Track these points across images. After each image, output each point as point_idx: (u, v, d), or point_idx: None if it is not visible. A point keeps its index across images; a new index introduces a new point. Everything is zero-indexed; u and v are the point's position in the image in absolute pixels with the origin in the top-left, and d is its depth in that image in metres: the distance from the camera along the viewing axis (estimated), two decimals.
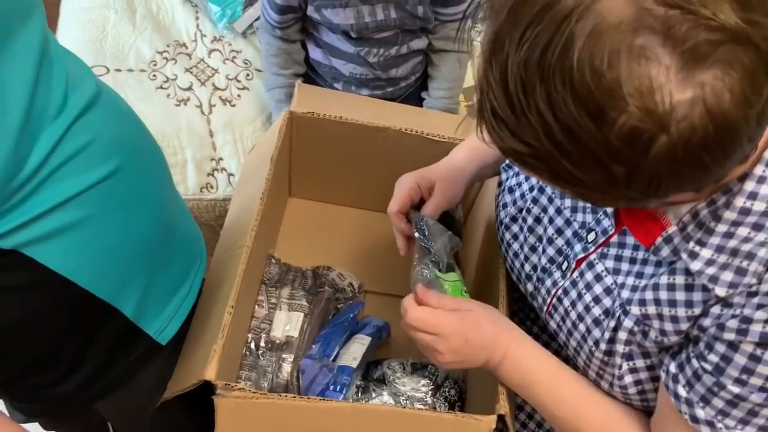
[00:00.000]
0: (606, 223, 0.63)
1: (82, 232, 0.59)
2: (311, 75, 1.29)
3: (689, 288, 0.54)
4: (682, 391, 0.56)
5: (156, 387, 0.76)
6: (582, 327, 0.63)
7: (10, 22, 0.49)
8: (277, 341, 0.94)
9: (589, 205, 0.65)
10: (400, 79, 1.26)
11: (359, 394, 0.89)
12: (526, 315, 0.85)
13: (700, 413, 0.55)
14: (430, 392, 0.91)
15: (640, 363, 0.60)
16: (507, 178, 0.79)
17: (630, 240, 0.61)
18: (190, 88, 1.34)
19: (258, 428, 0.69)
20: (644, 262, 0.59)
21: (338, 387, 0.86)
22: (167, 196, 0.74)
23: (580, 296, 0.64)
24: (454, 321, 0.67)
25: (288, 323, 0.97)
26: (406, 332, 0.71)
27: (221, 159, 1.27)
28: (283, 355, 0.93)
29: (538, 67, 0.40)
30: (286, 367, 0.92)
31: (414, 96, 1.32)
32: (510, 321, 0.71)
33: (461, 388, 0.92)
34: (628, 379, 0.61)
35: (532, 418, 0.84)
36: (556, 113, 0.40)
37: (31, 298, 0.60)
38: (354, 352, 0.94)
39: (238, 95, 1.35)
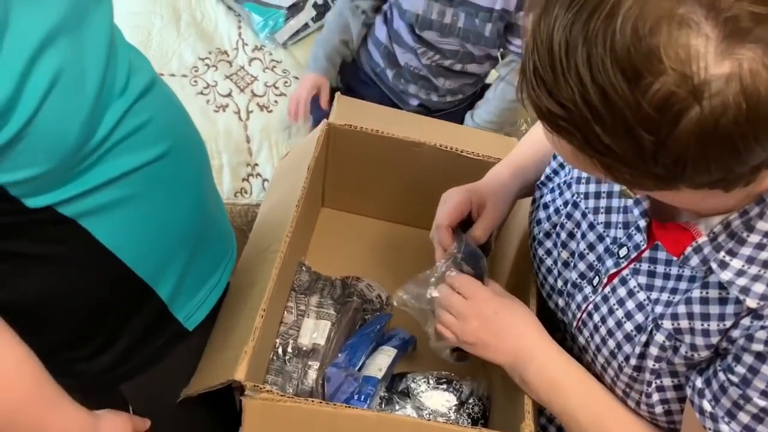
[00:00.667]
0: (638, 238, 0.63)
1: (131, 209, 0.62)
2: (368, 55, 1.32)
3: (723, 301, 0.54)
4: (708, 406, 0.55)
5: (179, 375, 0.78)
6: (612, 343, 0.63)
7: (87, 3, 0.54)
8: (304, 348, 0.95)
9: (620, 220, 0.65)
10: (446, 92, 1.27)
11: (383, 406, 0.89)
12: (553, 334, 0.84)
13: (725, 429, 0.54)
14: (453, 408, 0.90)
15: (667, 382, 0.60)
16: (541, 195, 0.79)
17: (662, 255, 0.61)
18: (229, 95, 1.36)
19: (283, 431, 0.70)
20: (678, 278, 0.59)
21: (363, 396, 0.86)
22: (208, 187, 0.76)
23: (611, 311, 0.64)
24: (491, 292, 0.70)
25: (315, 331, 0.98)
26: (440, 301, 0.74)
27: (257, 165, 1.29)
28: (309, 362, 0.94)
29: (583, 29, 0.41)
30: (312, 374, 0.92)
31: (456, 116, 1.33)
32: (541, 325, 0.71)
33: (485, 405, 0.92)
34: (656, 397, 0.61)
35: (552, 422, 0.84)
36: (593, 75, 0.41)
37: (81, 271, 0.62)
38: (380, 363, 0.94)
39: (275, 101, 1.37)
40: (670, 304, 0.58)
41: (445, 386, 0.94)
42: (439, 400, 0.92)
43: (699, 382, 0.56)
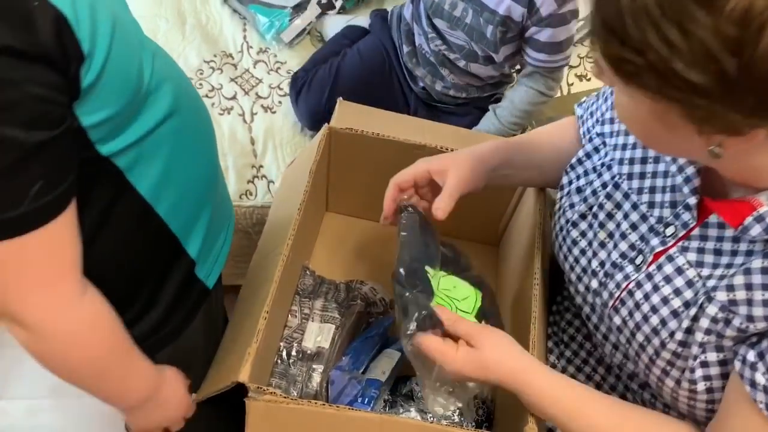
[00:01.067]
0: (686, 216, 0.63)
1: (163, 161, 0.65)
2: (392, 27, 1.36)
3: None
4: (762, 379, 0.55)
5: (202, 336, 0.81)
6: (655, 319, 0.63)
7: None
8: (309, 351, 0.95)
9: (666, 200, 0.65)
10: (450, 86, 1.28)
11: (386, 409, 0.89)
12: (568, 322, 0.84)
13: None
14: (457, 411, 0.90)
15: (712, 357, 0.59)
16: (570, 181, 0.79)
17: (713, 232, 0.61)
18: (234, 98, 1.37)
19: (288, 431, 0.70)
20: (733, 253, 0.59)
21: (366, 399, 0.86)
22: (214, 145, 0.79)
23: (656, 288, 0.63)
24: (457, 359, 0.66)
25: (320, 334, 0.98)
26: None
27: (261, 166, 1.29)
28: (314, 366, 0.94)
29: None
30: (316, 377, 0.93)
31: (457, 117, 1.33)
32: (523, 350, 0.69)
33: (489, 408, 0.92)
34: (699, 373, 0.60)
35: None
36: (664, 11, 0.43)
37: (127, 227, 0.66)
38: (383, 366, 0.94)
39: (279, 102, 1.37)
40: (724, 277, 0.58)
41: (450, 391, 0.94)
42: (442, 402, 0.91)
43: (751, 356, 0.56)
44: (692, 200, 0.62)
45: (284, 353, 0.94)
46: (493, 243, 1.12)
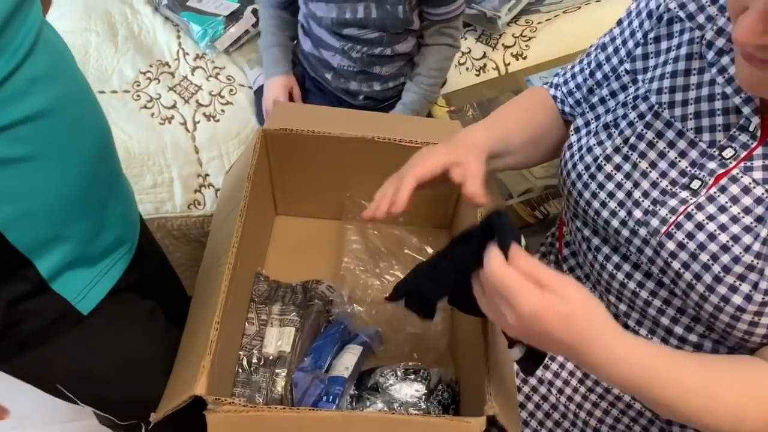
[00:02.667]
0: (744, 138, 0.64)
1: (12, 169, 0.61)
2: (304, 66, 1.31)
3: None
4: None
5: (73, 359, 0.78)
6: (724, 237, 0.63)
7: None
8: (270, 357, 0.94)
9: (718, 123, 0.66)
10: (387, 78, 1.26)
11: (354, 404, 0.88)
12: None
13: None
14: (423, 397, 0.90)
15: None
16: (587, 122, 0.79)
17: None
18: (174, 107, 1.34)
19: None
20: None
21: (330, 397, 0.86)
22: (101, 167, 0.75)
23: (723, 209, 0.64)
24: (540, 300, 0.54)
25: (280, 339, 0.97)
26: (478, 292, 0.60)
27: (207, 175, 1.27)
28: (277, 370, 0.93)
29: None
30: (280, 382, 0.92)
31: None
32: (610, 315, 0.59)
33: (454, 390, 0.92)
34: None
35: (534, 416, 0.84)
36: None
37: None
38: (346, 362, 0.94)
39: (222, 110, 1.35)
40: None
41: (413, 376, 0.94)
42: (408, 391, 0.91)
43: None
44: (755, 119, 0.63)
45: (244, 361, 0.93)
46: (445, 226, 1.12)
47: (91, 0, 1.52)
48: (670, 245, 0.67)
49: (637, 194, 0.71)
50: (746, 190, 0.64)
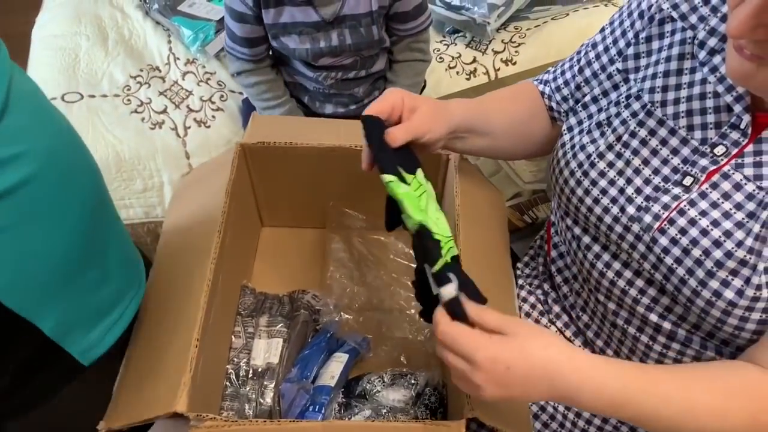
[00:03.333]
0: (735, 135, 0.65)
1: None
2: None
3: None
4: None
5: (76, 411, 0.75)
6: (717, 232, 0.64)
7: None
8: (259, 369, 0.94)
9: (710, 121, 0.67)
10: (362, 98, 1.25)
11: (342, 412, 0.88)
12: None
13: None
14: (410, 401, 0.90)
15: None
16: (580, 121, 0.79)
17: (767, 147, 0.63)
18: (164, 111, 1.33)
19: None
20: None
21: (316, 407, 0.85)
22: (96, 219, 0.72)
23: (715, 205, 0.65)
24: (491, 344, 0.57)
25: (268, 350, 0.96)
26: (439, 354, 0.62)
27: None
28: (265, 382, 0.92)
29: None
30: (269, 393, 0.91)
31: None
32: (566, 341, 0.62)
33: (441, 394, 0.92)
34: (765, 279, 0.61)
35: (554, 419, 0.84)
36: None
37: None
38: (332, 371, 0.93)
39: (213, 116, 1.34)
40: None
41: (399, 382, 0.94)
42: (395, 396, 0.91)
43: None
44: (746, 117, 0.64)
45: (233, 375, 0.92)
46: None
47: (81, 4, 1.51)
48: (663, 240, 0.67)
49: (629, 191, 0.71)
50: (738, 187, 0.64)
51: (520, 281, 0.96)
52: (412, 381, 0.93)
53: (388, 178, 0.68)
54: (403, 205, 0.68)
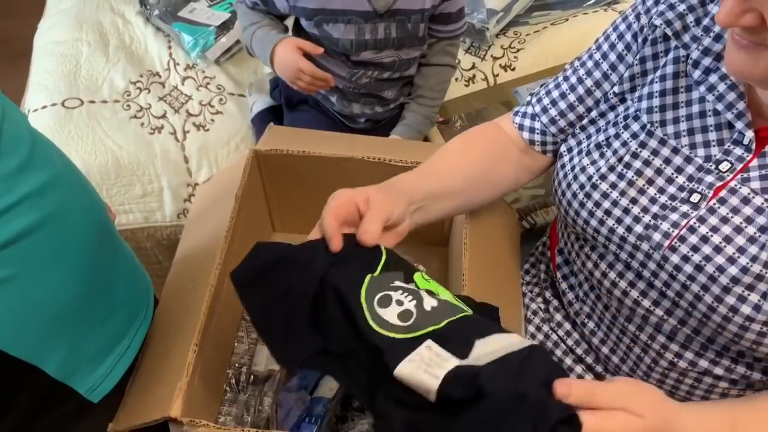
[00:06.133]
0: (738, 151, 0.63)
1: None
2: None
3: None
4: None
5: None
6: (730, 249, 0.61)
7: None
8: (261, 376, 0.90)
9: (712, 139, 0.65)
10: (390, 101, 1.21)
11: (339, 425, 0.83)
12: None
13: None
14: None
15: None
16: (579, 142, 0.76)
17: None
18: (164, 116, 1.28)
19: None
20: None
21: (312, 418, 0.80)
22: (100, 253, 0.68)
23: (725, 220, 0.62)
24: (615, 424, 0.50)
25: (271, 357, 0.92)
26: None
27: (197, 185, 1.21)
28: (265, 389, 0.89)
29: None
30: (267, 401, 0.87)
31: (397, 119, 1.26)
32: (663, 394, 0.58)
33: None
34: None
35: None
36: None
37: None
38: (331, 382, 0.88)
39: (212, 119, 1.29)
40: None
41: None
42: None
43: None
44: (749, 133, 0.62)
45: (233, 380, 0.89)
46: (441, 244, 1.07)
47: (82, 10, 1.47)
48: (674, 258, 0.65)
49: (636, 210, 0.68)
50: (746, 201, 0.62)
51: (522, 288, 0.91)
52: None
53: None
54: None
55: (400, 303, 0.57)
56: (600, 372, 0.80)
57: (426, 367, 0.51)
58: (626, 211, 0.68)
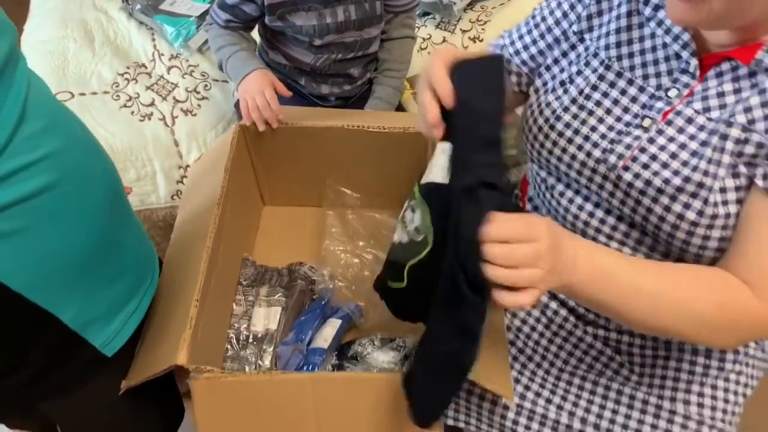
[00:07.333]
0: (685, 78, 0.69)
1: (21, 239, 0.58)
2: (273, 72, 1.19)
3: None
4: None
5: (105, 398, 0.75)
6: (675, 163, 0.67)
7: None
8: (259, 335, 0.94)
9: (662, 69, 0.70)
10: (357, 78, 1.24)
11: (334, 372, 0.88)
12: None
13: None
14: (399, 362, 0.90)
15: (729, 183, 0.64)
16: (545, 82, 0.80)
17: (712, 84, 0.67)
18: (152, 104, 1.31)
19: (230, 404, 0.70)
20: (736, 90, 0.65)
21: (310, 367, 0.85)
22: (110, 216, 0.71)
23: (671, 139, 0.68)
24: (539, 224, 0.57)
25: (267, 318, 0.97)
26: (490, 273, 0.55)
27: (188, 166, 1.25)
28: (264, 346, 0.93)
29: None
30: (267, 357, 0.91)
31: (367, 95, 1.30)
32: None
33: None
34: (719, 198, 0.64)
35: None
36: None
37: None
38: (325, 334, 0.93)
39: (198, 105, 1.32)
40: (734, 114, 0.64)
41: (389, 344, 0.94)
42: (384, 358, 0.91)
43: None
44: (693, 61, 0.68)
45: (234, 339, 0.93)
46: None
47: (67, 9, 1.49)
48: (628, 176, 0.70)
49: (595, 137, 0.73)
50: (689, 120, 0.67)
51: None
52: (401, 344, 0.93)
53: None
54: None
55: None
56: (563, 299, 0.85)
57: None
58: (586, 138, 0.74)
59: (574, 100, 0.75)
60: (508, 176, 0.62)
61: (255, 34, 1.22)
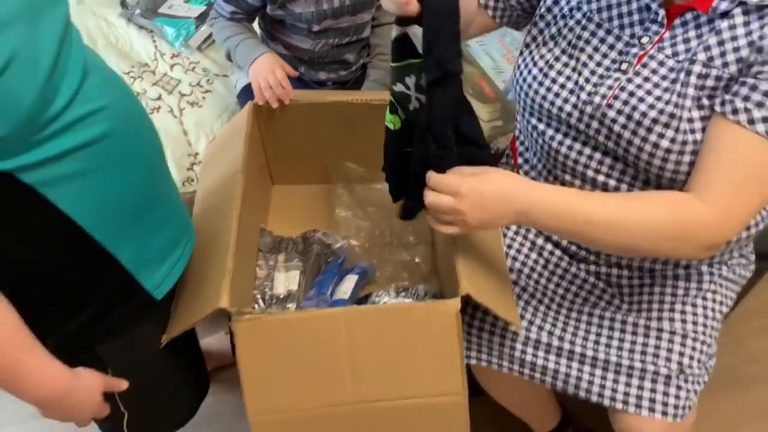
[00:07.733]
0: (655, 27, 0.78)
1: (86, 180, 0.64)
2: None
3: (746, 24, 0.70)
4: (740, 104, 0.69)
5: (152, 341, 0.80)
6: (651, 99, 0.76)
7: (41, 4, 0.60)
8: (281, 296, 1.00)
9: (635, 19, 0.80)
10: (352, 63, 1.31)
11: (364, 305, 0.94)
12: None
13: (757, 114, 0.68)
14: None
15: (695, 114, 0.73)
16: (535, 37, 0.88)
17: (679, 31, 0.76)
18: (159, 98, 1.37)
19: (271, 342, 0.73)
20: (698, 36, 0.74)
21: None
22: (157, 167, 0.78)
23: (647, 79, 0.77)
24: (468, 179, 0.71)
25: (287, 281, 1.02)
26: (430, 204, 0.73)
27: (197, 153, 1.30)
28: (287, 305, 0.98)
29: None
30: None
31: (361, 80, 1.37)
32: (522, 177, 0.77)
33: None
34: (687, 126, 0.73)
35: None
36: None
37: (44, 238, 0.65)
38: (345, 288, 0.99)
39: (203, 97, 1.38)
40: (700, 44, 0.73)
41: (404, 293, 1.00)
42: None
43: (728, 96, 0.70)
44: (661, 11, 0.77)
45: (260, 299, 0.99)
46: None
47: None
48: (611, 113, 0.79)
49: (581, 81, 0.82)
50: (661, 63, 0.77)
51: None
52: (414, 292, 0.99)
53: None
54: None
55: None
56: (556, 241, 0.93)
57: None
58: (576, 82, 0.83)
59: (564, 51, 0.85)
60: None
61: (255, 27, 1.29)
